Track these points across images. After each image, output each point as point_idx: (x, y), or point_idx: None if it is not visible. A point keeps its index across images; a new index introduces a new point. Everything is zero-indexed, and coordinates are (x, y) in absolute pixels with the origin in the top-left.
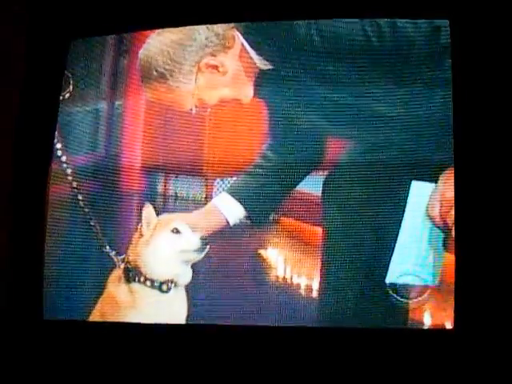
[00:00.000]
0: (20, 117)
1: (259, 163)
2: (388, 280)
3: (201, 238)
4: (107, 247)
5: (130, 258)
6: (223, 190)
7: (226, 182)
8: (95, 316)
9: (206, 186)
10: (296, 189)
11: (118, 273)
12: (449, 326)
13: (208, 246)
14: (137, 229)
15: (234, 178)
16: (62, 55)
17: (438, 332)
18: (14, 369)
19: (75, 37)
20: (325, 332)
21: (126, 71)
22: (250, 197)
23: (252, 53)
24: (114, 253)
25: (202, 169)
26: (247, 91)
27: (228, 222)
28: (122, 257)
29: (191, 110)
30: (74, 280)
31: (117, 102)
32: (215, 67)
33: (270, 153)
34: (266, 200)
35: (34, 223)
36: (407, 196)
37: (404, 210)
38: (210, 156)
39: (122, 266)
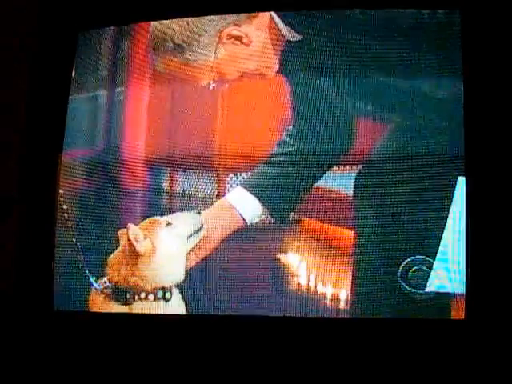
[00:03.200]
0: (28, 113)
1: (278, 152)
2: (429, 288)
3: (194, 214)
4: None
5: (129, 280)
6: (237, 184)
7: (241, 177)
8: None
9: (218, 181)
10: (322, 187)
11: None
12: (461, 315)
13: (203, 219)
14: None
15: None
16: (70, 47)
17: (449, 322)
18: (23, 360)
19: (83, 28)
20: (342, 322)
21: (128, 54)
22: (268, 191)
23: (279, 22)
24: (94, 278)
25: (213, 161)
26: (272, 65)
27: (245, 221)
28: (104, 279)
29: (209, 85)
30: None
31: (117, 89)
32: (238, 38)
33: (291, 139)
34: (286, 194)
35: (43, 214)
36: (453, 194)
37: (449, 210)
38: (223, 146)
39: (106, 291)
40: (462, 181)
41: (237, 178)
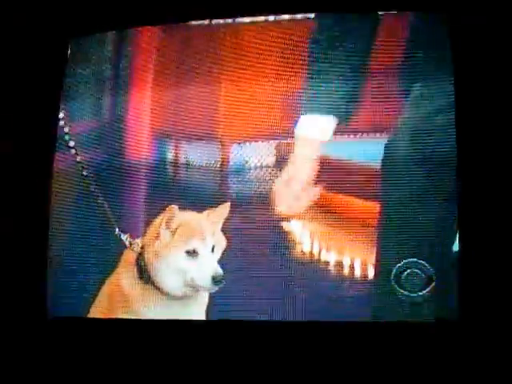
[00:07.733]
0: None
1: None
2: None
3: (214, 275)
4: (117, 230)
5: (146, 256)
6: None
7: (245, 146)
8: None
9: (222, 151)
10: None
11: (131, 256)
12: (454, 317)
13: (223, 284)
14: (154, 220)
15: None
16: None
17: (443, 323)
18: (18, 368)
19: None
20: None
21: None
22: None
23: None
24: (125, 236)
25: (217, 132)
26: None
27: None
28: (137, 241)
29: None
30: (80, 274)
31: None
32: None
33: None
34: None
35: (38, 218)
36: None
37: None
38: (227, 115)
39: (139, 251)
40: None
41: (241, 148)
